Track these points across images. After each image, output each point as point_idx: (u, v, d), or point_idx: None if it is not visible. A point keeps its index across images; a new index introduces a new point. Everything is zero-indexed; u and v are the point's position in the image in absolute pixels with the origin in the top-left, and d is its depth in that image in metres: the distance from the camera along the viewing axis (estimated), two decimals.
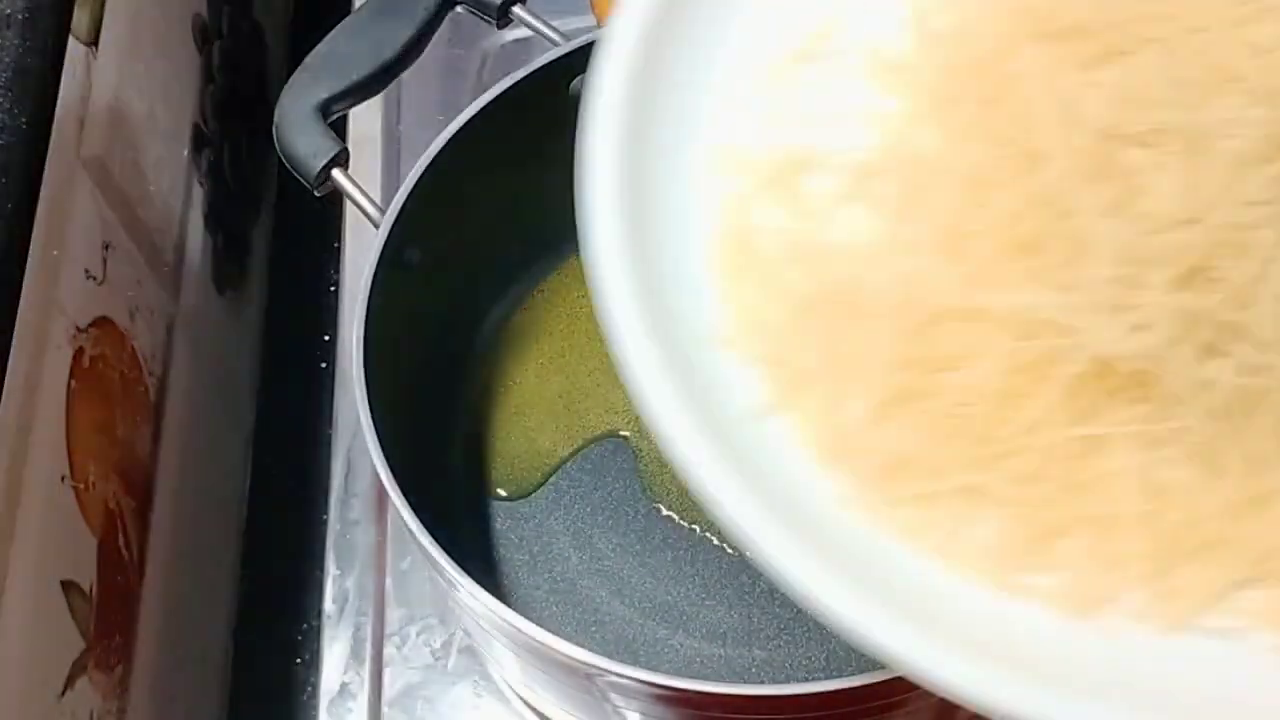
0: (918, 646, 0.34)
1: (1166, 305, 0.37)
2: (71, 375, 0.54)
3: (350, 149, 0.53)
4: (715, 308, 0.41)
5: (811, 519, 0.37)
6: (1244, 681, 0.36)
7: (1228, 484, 0.37)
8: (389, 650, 0.62)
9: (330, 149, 0.52)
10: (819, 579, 0.35)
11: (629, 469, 0.58)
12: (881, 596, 0.35)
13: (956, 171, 0.41)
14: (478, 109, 0.55)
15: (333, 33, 0.55)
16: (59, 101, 0.54)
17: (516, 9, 0.57)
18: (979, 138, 0.42)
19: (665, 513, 0.57)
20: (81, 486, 0.54)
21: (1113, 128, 0.39)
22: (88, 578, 0.54)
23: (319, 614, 0.64)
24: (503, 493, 0.59)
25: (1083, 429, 0.38)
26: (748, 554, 0.36)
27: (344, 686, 0.62)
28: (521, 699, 0.58)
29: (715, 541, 0.56)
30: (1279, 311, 0.37)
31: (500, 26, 0.58)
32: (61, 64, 0.55)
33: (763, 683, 0.53)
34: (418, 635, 0.62)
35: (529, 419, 0.60)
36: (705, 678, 0.52)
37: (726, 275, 0.41)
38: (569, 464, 0.59)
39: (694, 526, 0.57)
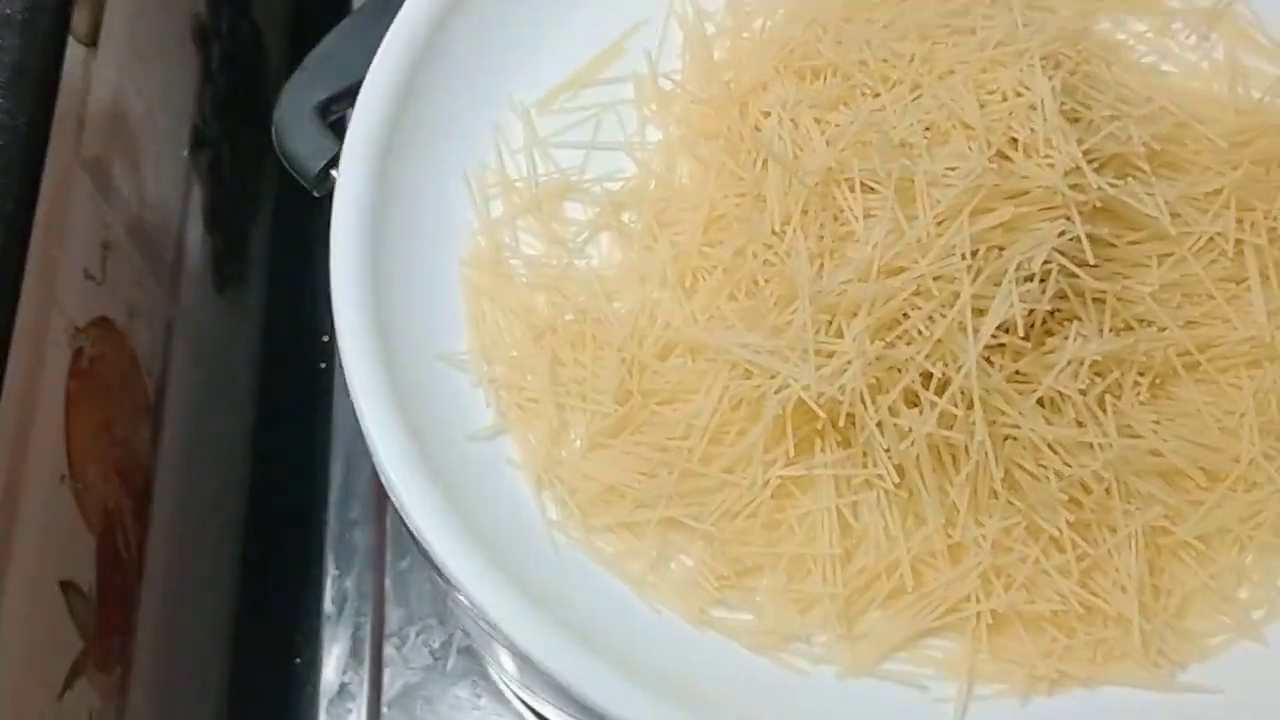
0: (601, 681, 0.35)
1: (867, 353, 0.38)
2: (71, 375, 0.54)
3: None
4: (458, 329, 0.42)
5: (520, 541, 0.38)
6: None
7: (923, 533, 0.38)
8: (388, 650, 0.62)
9: (329, 149, 0.52)
10: (511, 609, 0.36)
11: None
12: (575, 629, 0.36)
13: (699, 208, 0.43)
14: None
15: (332, 33, 0.55)
16: (58, 102, 0.54)
17: None
18: (721, 175, 0.43)
19: None
20: (80, 486, 0.54)
21: (836, 171, 0.40)
22: (87, 578, 0.54)
23: (319, 614, 0.64)
24: None
25: (785, 469, 0.39)
26: (447, 575, 0.37)
27: (344, 686, 0.62)
28: (521, 699, 0.58)
29: None
30: (977, 368, 0.37)
31: None
32: (61, 64, 0.55)
33: None
34: (417, 635, 0.62)
35: None
36: None
37: (473, 297, 0.43)
38: None
39: None
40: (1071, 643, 0.38)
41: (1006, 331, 0.39)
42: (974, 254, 0.38)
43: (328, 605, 0.64)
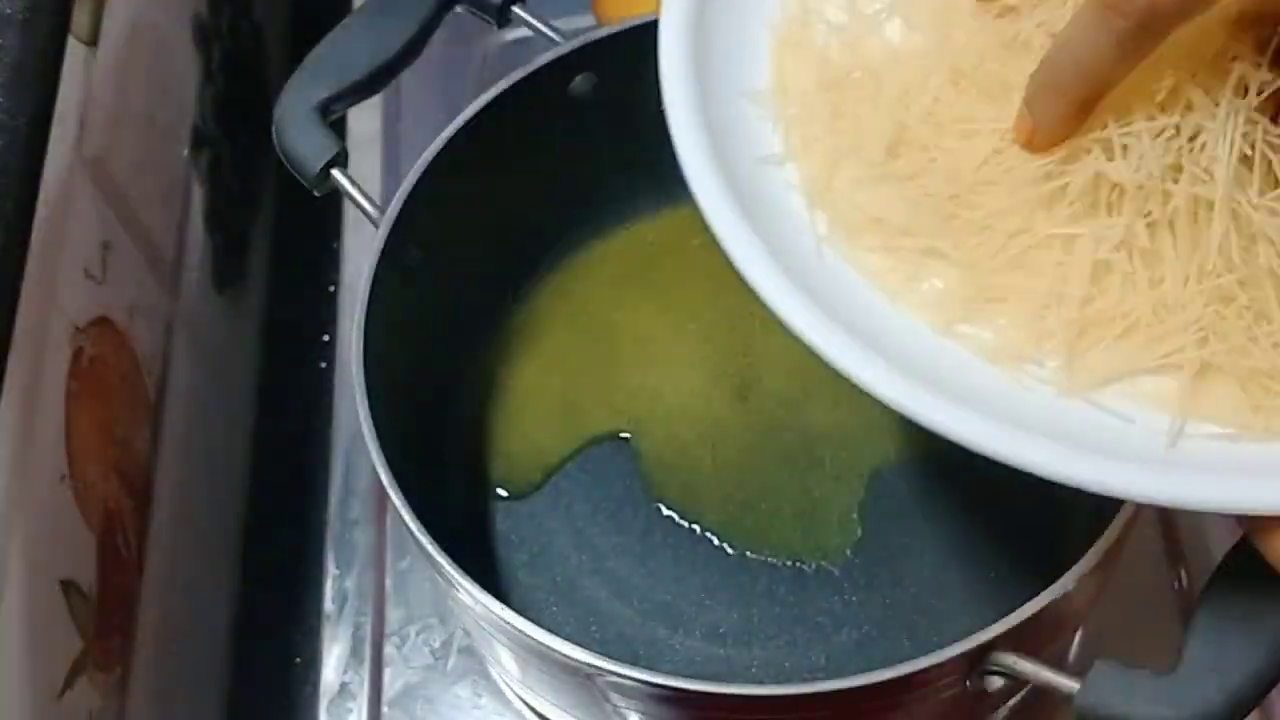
0: (859, 359, 0.40)
1: (1148, 129, 0.41)
2: (71, 375, 0.54)
3: (350, 149, 0.53)
4: (760, 72, 0.48)
5: (792, 248, 0.44)
6: (1127, 443, 0.40)
7: (1160, 291, 0.42)
8: (389, 650, 0.62)
9: (330, 149, 0.52)
10: (787, 296, 0.42)
11: (629, 469, 0.58)
12: (839, 318, 0.41)
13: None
14: (477, 109, 0.55)
15: (332, 33, 0.55)
16: (59, 101, 0.54)
17: (516, 9, 0.57)
18: None
19: (665, 513, 0.57)
20: (80, 486, 0.54)
21: None
22: (87, 577, 0.54)
23: (319, 614, 0.64)
24: (503, 493, 0.59)
25: (1044, 225, 0.43)
26: (733, 264, 0.42)
27: (344, 686, 0.62)
28: (521, 699, 0.58)
29: (715, 542, 0.56)
30: (1233, 144, 0.41)
31: (500, 26, 0.58)
32: (61, 64, 0.55)
33: (763, 683, 0.53)
34: (417, 635, 0.62)
35: (529, 419, 0.60)
36: (705, 678, 0.52)
37: (778, 47, 0.48)
38: (569, 464, 0.59)
39: (694, 526, 0.57)
40: None
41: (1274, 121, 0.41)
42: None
43: (328, 605, 0.64)
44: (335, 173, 0.53)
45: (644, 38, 0.58)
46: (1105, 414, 0.41)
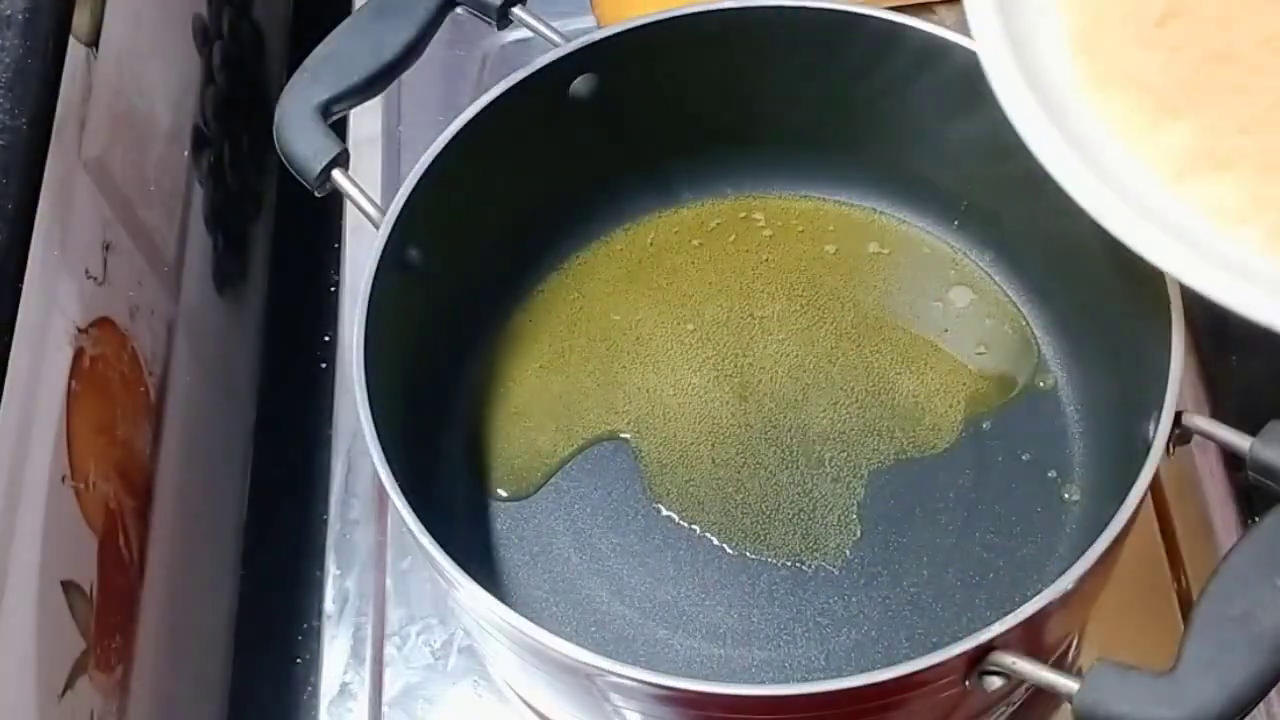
0: (1102, 199, 0.45)
1: None
2: (72, 376, 0.54)
3: (350, 150, 0.53)
4: None
5: (1049, 90, 0.48)
6: None
7: None
8: (389, 650, 0.62)
9: (331, 150, 0.52)
10: (1045, 132, 0.47)
11: (629, 469, 0.58)
12: (1080, 154, 0.46)
13: None
14: (478, 110, 0.55)
15: (333, 33, 0.55)
16: (59, 102, 0.54)
17: (516, 10, 0.57)
18: None
19: (665, 513, 0.57)
20: (82, 486, 0.54)
21: None
22: (88, 578, 0.54)
23: (319, 614, 0.64)
24: (503, 493, 0.59)
25: None
26: (998, 96, 0.48)
27: (344, 686, 0.62)
28: (521, 699, 0.59)
29: (715, 541, 0.56)
30: None
31: (500, 27, 0.58)
32: (62, 64, 0.55)
33: (763, 683, 0.53)
34: (418, 635, 0.62)
35: (529, 419, 0.60)
36: (705, 678, 0.52)
37: None
38: (569, 464, 0.59)
39: (694, 527, 0.57)
40: None
41: None
42: None
43: (328, 605, 0.64)
44: (336, 174, 0.53)
45: (644, 38, 0.58)
46: None
